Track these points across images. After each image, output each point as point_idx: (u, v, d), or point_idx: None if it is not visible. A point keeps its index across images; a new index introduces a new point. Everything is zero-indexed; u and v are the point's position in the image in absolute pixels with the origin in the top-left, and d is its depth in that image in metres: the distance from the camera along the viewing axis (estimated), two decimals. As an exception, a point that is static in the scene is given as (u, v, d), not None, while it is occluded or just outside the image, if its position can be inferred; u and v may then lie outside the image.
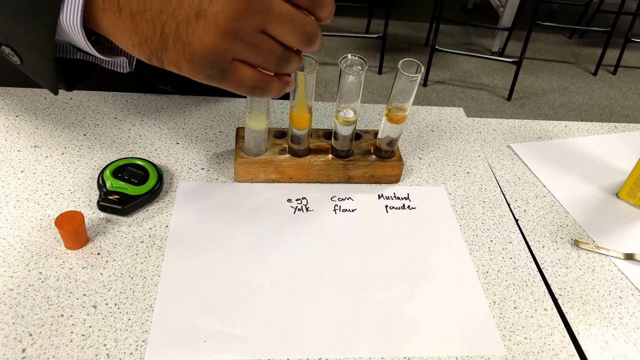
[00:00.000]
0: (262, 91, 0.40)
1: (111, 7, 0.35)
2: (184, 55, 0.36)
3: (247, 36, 0.35)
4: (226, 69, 0.37)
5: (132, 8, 0.35)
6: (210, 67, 0.36)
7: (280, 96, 0.42)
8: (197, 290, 0.44)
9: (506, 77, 2.60)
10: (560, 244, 0.53)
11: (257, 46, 0.36)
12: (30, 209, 0.49)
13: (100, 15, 0.36)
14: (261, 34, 0.36)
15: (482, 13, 3.21)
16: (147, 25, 0.35)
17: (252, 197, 0.53)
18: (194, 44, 0.35)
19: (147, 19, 0.35)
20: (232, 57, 0.37)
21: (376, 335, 0.43)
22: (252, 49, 0.36)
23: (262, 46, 0.37)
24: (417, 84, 0.49)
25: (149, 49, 0.36)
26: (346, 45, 2.69)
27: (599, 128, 0.72)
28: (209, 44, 0.35)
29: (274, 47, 0.37)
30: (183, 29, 0.35)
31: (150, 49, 0.36)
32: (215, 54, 0.35)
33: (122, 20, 0.36)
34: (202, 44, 0.35)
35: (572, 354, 0.43)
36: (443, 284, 0.47)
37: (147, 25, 0.35)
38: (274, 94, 0.41)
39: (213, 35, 0.34)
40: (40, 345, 0.39)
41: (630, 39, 2.61)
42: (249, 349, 0.40)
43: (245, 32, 0.35)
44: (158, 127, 0.61)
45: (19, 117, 0.59)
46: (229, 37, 0.35)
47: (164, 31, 0.35)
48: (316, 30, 0.38)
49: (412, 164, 0.61)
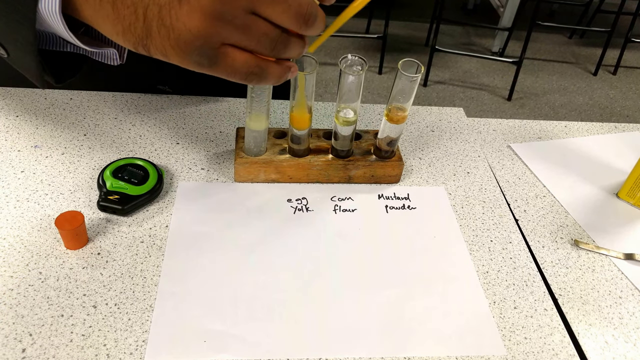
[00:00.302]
0: (259, 77, 0.37)
1: None
2: (169, 42, 0.34)
3: (235, 18, 0.33)
4: (215, 55, 0.35)
5: None
6: (198, 54, 0.34)
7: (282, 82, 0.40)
8: (197, 290, 0.44)
9: (506, 77, 2.60)
10: (560, 244, 0.53)
11: (247, 29, 0.34)
12: (30, 209, 0.49)
13: (80, 3, 0.35)
14: (251, 16, 0.34)
15: (482, 13, 3.21)
16: (128, 11, 0.33)
17: (252, 197, 0.53)
18: (179, 29, 0.33)
19: (128, 4, 0.33)
20: (221, 42, 0.34)
21: (376, 335, 0.43)
22: (243, 32, 0.34)
23: (253, 28, 0.34)
24: (417, 84, 0.49)
25: (134, 37, 0.35)
26: (346, 45, 2.69)
27: (599, 128, 0.72)
28: (194, 29, 0.33)
29: (268, 29, 0.35)
30: (166, 13, 0.33)
31: (134, 37, 0.34)
32: (201, 38, 0.33)
33: (102, 7, 0.34)
34: (187, 29, 0.33)
35: (572, 354, 0.43)
36: (443, 284, 0.47)
37: (129, 11, 0.33)
38: (272, 80, 0.38)
39: (198, 19, 0.32)
40: (40, 345, 0.39)
41: (631, 39, 2.61)
42: (249, 349, 0.40)
43: (233, 14, 0.33)
44: (158, 127, 0.61)
45: (19, 117, 0.59)
46: (215, 20, 0.33)
47: (147, 16, 0.33)
48: (314, 10, 0.35)
49: (412, 164, 0.61)
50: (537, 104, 2.45)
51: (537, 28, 2.55)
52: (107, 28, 0.35)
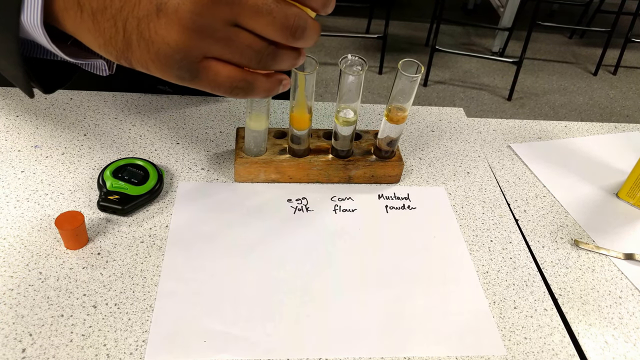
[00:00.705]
0: (245, 92, 0.35)
1: (72, 6, 0.33)
2: (149, 55, 0.33)
3: (215, 31, 0.32)
4: (197, 69, 0.33)
5: (93, 6, 0.32)
6: (179, 67, 0.33)
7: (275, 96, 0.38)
8: (197, 290, 0.44)
9: (506, 77, 2.60)
10: (560, 244, 0.53)
11: (229, 41, 0.32)
12: (30, 209, 0.49)
13: (62, 15, 0.34)
14: (233, 28, 0.32)
15: (483, 13, 3.21)
16: (108, 24, 0.33)
17: (252, 197, 0.53)
18: (158, 43, 0.32)
19: (107, 17, 0.32)
20: (203, 55, 0.33)
21: (376, 335, 0.43)
22: (225, 45, 0.32)
23: (235, 41, 0.32)
24: (417, 84, 0.49)
25: (115, 50, 0.34)
26: (346, 45, 2.70)
27: (599, 128, 0.72)
28: (172, 42, 0.32)
29: (252, 42, 0.33)
30: (145, 26, 0.32)
31: (116, 50, 0.34)
32: (181, 52, 0.32)
33: (83, 20, 0.33)
34: (165, 42, 0.32)
35: (572, 354, 0.43)
36: (443, 284, 0.47)
37: (108, 24, 0.33)
38: (261, 94, 0.36)
39: (176, 32, 0.31)
40: (40, 345, 0.39)
41: (631, 39, 2.61)
42: (249, 349, 0.40)
43: (213, 27, 0.31)
44: (158, 127, 0.61)
45: (19, 117, 0.59)
46: (194, 33, 0.31)
47: (126, 29, 0.32)
48: (302, 23, 0.33)
49: (412, 164, 0.61)
50: (537, 104, 2.45)
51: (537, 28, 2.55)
52: (90, 40, 0.34)
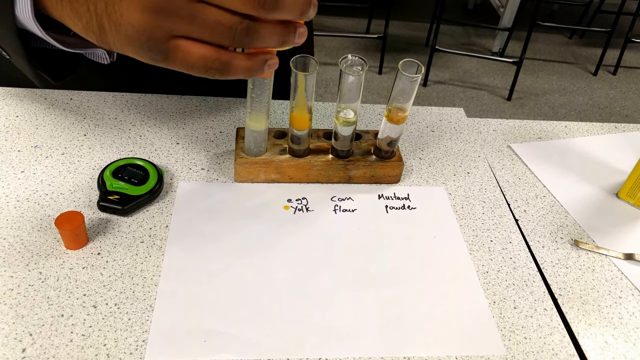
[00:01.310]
0: (221, 72, 0.33)
1: None
2: (119, 37, 0.32)
3: (178, 9, 0.31)
4: (166, 49, 0.32)
5: None
6: (148, 49, 0.32)
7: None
8: (197, 290, 0.44)
9: (506, 77, 2.60)
10: (560, 244, 0.53)
11: (193, 18, 0.31)
12: (30, 209, 0.49)
13: (47, 5, 0.35)
14: (198, 4, 0.31)
15: (483, 13, 3.21)
16: (82, 9, 0.33)
17: (252, 197, 0.53)
18: (124, 25, 0.32)
19: (81, 2, 0.33)
20: (169, 35, 0.32)
21: (376, 335, 0.43)
22: (190, 22, 0.31)
23: (200, 17, 0.31)
24: (417, 84, 0.49)
25: (93, 33, 0.34)
26: (346, 46, 2.69)
27: (599, 128, 0.72)
28: (136, 23, 0.31)
29: (221, 17, 0.31)
30: (111, 9, 0.32)
31: (94, 33, 0.34)
32: (145, 33, 0.31)
33: (64, 7, 0.34)
34: (130, 24, 0.31)
35: (571, 354, 0.43)
36: (443, 284, 0.47)
37: (83, 9, 0.33)
38: (239, 74, 0.34)
39: (138, 12, 0.31)
40: (40, 345, 0.39)
41: (631, 39, 2.61)
42: (248, 349, 0.40)
43: (175, 4, 0.31)
44: (158, 127, 0.61)
45: (19, 117, 0.59)
46: (155, 12, 0.31)
47: (97, 13, 0.32)
48: None
49: (412, 164, 0.61)
50: (537, 104, 2.45)
51: (537, 28, 2.55)
52: (74, 26, 0.35)
